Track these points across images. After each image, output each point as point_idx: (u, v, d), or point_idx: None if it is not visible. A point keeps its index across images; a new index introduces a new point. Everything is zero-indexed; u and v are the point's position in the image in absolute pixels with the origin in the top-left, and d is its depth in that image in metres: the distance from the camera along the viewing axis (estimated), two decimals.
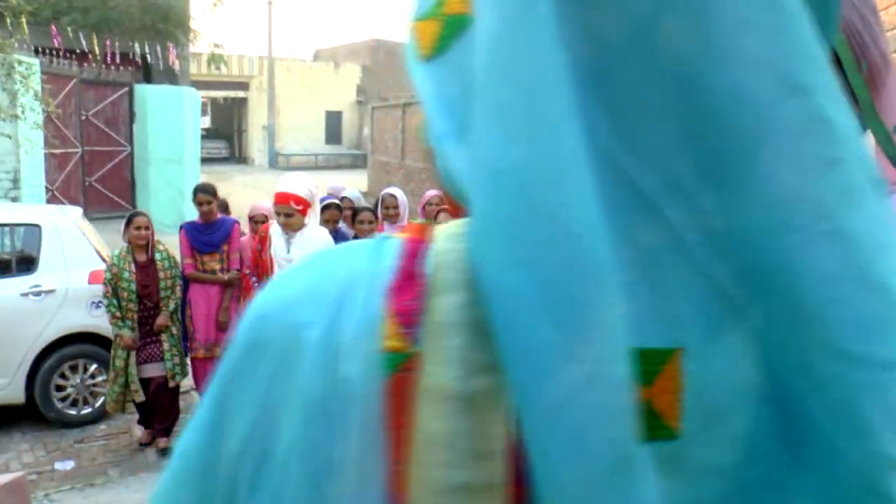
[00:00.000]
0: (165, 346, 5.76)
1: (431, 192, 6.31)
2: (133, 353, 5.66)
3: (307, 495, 0.60)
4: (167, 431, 5.89)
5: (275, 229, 5.14)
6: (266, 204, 6.07)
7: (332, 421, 0.59)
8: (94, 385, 6.44)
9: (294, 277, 0.68)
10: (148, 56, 14.32)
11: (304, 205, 4.94)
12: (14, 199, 10.05)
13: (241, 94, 36.50)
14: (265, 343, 0.64)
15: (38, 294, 6.22)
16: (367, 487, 0.59)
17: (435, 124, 0.63)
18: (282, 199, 4.95)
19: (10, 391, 6.10)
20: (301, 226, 4.96)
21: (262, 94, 35.53)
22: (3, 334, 6.00)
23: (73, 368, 6.37)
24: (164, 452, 5.72)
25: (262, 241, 5.25)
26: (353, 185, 21.41)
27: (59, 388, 6.30)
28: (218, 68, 20.22)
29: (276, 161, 34.41)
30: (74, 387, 6.35)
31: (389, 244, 0.65)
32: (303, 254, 4.67)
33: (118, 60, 13.86)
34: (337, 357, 0.59)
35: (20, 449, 5.87)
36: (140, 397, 5.72)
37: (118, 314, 5.66)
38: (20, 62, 9.59)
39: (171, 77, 15.50)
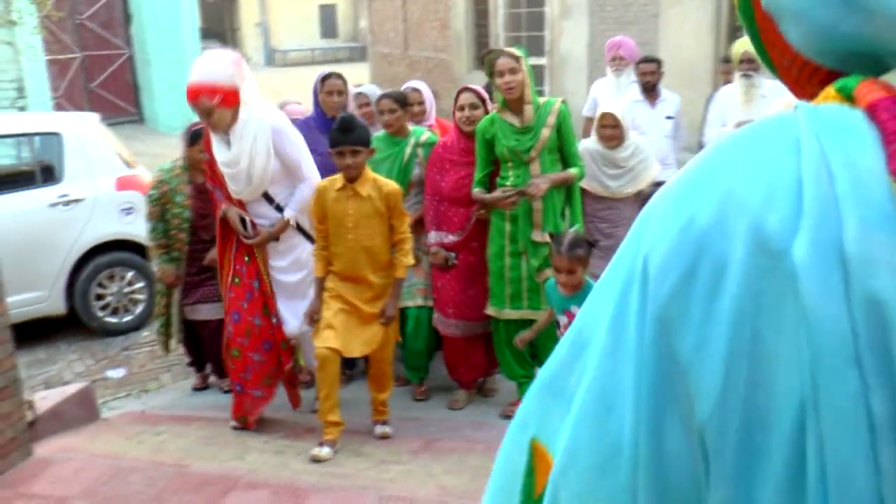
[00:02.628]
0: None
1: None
2: (176, 291, 4.82)
3: None
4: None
5: (212, 133, 4.07)
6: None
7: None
8: (133, 292, 6.39)
9: (712, 174, 0.52)
10: None
11: (225, 92, 3.82)
12: (21, 109, 9.77)
13: None
14: (720, 265, 0.50)
15: (66, 204, 6.09)
16: None
17: None
18: (191, 96, 3.83)
19: (51, 302, 6.06)
20: (232, 120, 3.92)
21: None
22: (36, 246, 5.91)
23: (111, 277, 6.31)
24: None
25: (208, 148, 4.13)
26: (356, 78, 20.92)
27: (99, 298, 6.26)
28: None
29: (273, 58, 33.59)
30: (113, 295, 6.31)
31: (831, 111, 0.50)
32: (246, 152, 3.92)
33: None
34: (846, 271, 0.45)
35: (69, 359, 5.88)
36: (175, 345, 4.97)
37: (163, 242, 4.74)
38: None
39: None
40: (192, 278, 4.81)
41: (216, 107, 3.83)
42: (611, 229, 4.76)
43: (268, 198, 4.11)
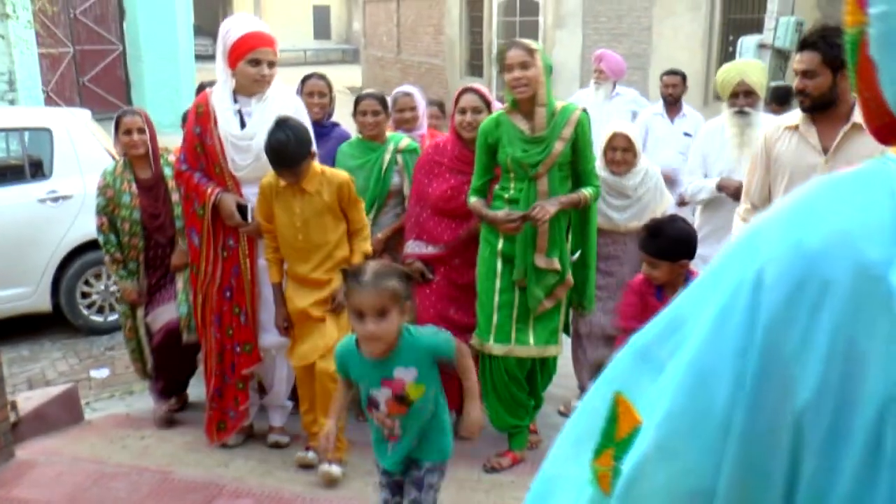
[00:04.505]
0: (179, 284, 4.23)
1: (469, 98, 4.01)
2: (140, 309, 4.36)
3: None
4: (171, 392, 4.46)
5: (219, 101, 3.73)
6: None
7: None
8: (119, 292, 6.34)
9: (820, 208, 0.64)
10: None
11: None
12: (11, 102, 9.70)
13: None
14: (826, 283, 0.60)
15: (55, 200, 6.05)
16: None
17: None
18: (269, 42, 3.66)
19: (36, 299, 6.01)
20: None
21: None
22: (23, 242, 5.87)
23: (97, 276, 6.26)
24: (170, 421, 4.36)
25: (204, 118, 3.74)
26: (348, 80, 20.91)
27: (84, 296, 6.21)
28: None
29: None
30: (99, 293, 6.27)
31: None
32: (264, 128, 3.58)
33: None
34: None
35: (53, 357, 5.83)
36: (149, 371, 4.47)
37: (119, 256, 4.27)
38: None
39: None
40: (153, 286, 4.36)
41: (275, 63, 3.69)
42: (613, 267, 4.20)
43: None
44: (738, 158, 4.21)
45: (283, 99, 3.80)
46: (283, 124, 3.47)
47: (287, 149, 3.43)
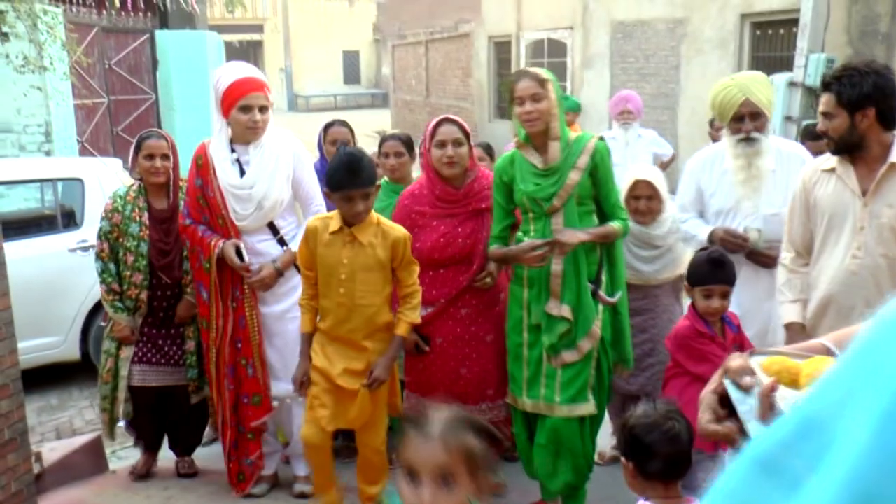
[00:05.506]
0: (189, 344, 4.02)
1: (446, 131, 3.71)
2: (128, 350, 3.99)
3: None
4: (189, 450, 4.38)
5: (216, 151, 3.67)
6: None
7: None
8: None
9: None
10: (168, 0, 13.99)
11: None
12: (47, 153, 9.89)
13: (255, 36, 36.06)
14: None
15: (85, 249, 6.09)
16: None
17: None
18: (258, 87, 3.61)
19: (66, 348, 6.05)
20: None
21: (276, 35, 35.12)
22: (54, 291, 5.91)
23: None
24: (190, 474, 4.29)
25: (204, 170, 3.68)
26: (377, 124, 21.19)
27: None
28: (231, 12, 20.00)
29: (296, 103, 34.12)
30: None
31: None
32: (267, 172, 3.61)
33: (141, 6, 13.55)
34: None
35: (80, 406, 5.84)
36: (124, 413, 4.08)
37: (116, 286, 3.92)
38: (45, 12, 9.33)
39: (189, 22, 15.15)
40: (148, 332, 4.03)
41: (269, 106, 3.65)
42: (646, 323, 3.89)
43: (272, 229, 3.75)
44: (743, 196, 3.64)
45: (280, 144, 3.76)
46: (348, 148, 3.32)
47: (362, 162, 3.18)
